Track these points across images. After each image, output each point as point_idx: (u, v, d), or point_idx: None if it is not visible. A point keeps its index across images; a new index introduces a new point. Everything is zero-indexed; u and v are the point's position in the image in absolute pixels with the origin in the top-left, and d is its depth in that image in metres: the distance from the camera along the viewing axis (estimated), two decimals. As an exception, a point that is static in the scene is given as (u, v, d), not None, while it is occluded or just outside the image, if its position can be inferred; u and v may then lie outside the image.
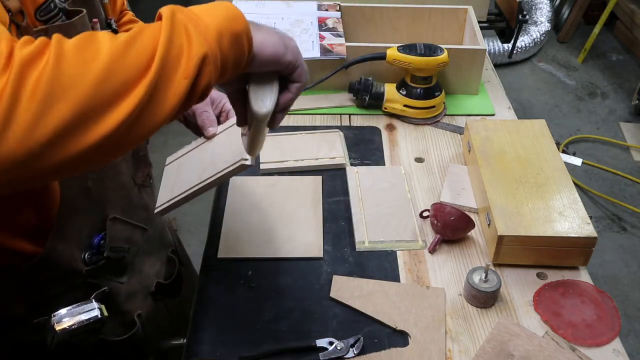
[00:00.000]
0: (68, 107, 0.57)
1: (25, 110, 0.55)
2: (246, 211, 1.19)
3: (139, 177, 1.06)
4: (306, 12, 1.65)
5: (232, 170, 0.91)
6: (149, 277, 1.14)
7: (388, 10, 1.68)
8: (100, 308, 0.92)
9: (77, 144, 0.58)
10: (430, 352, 0.94)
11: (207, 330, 0.99)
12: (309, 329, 0.98)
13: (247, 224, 1.16)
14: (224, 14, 0.66)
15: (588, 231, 1.06)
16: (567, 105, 3.47)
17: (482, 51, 1.51)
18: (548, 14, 3.81)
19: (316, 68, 1.50)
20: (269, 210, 1.19)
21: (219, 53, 0.65)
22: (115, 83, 0.59)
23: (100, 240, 0.97)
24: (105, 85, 0.58)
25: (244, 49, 0.68)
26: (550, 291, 1.05)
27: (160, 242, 1.20)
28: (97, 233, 0.97)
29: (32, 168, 0.57)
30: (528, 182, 1.15)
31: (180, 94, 0.62)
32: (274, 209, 1.19)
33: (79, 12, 0.85)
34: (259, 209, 1.19)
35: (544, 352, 0.93)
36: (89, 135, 0.58)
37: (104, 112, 0.58)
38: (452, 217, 1.11)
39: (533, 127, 1.30)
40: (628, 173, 2.96)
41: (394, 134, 1.44)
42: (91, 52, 0.59)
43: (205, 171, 0.95)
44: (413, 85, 1.44)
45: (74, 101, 0.57)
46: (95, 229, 0.97)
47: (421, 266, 1.10)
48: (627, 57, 3.86)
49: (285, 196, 1.22)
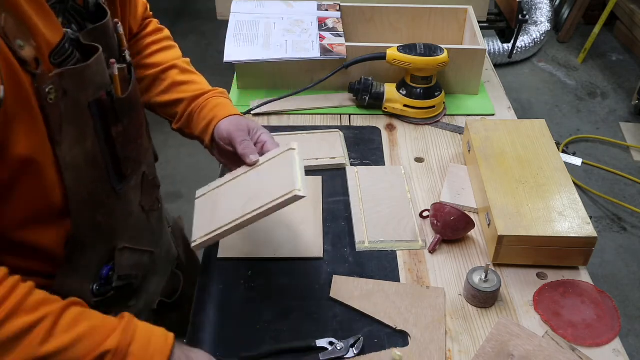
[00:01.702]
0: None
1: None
2: None
3: (147, 203, 1.01)
4: (306, 12, 1.65)
5: (284, 202, 0.91)
6: (153, 295, 1.12)
7: (388, 10, 1.68)
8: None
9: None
10: (430, 352, 0.94)
11: (207, 330, 0.99)
12: (309, 329, 0.98)
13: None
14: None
15: (588, 231, 1.06)
16: (567, 105, 3.47)
17: (482, 51, 1.51)
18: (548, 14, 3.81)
19: (316, 68, 1.50)
20: None
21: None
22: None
23: (109, 271, 0.94)
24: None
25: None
26: (550, 291, 1.05)
27: (166, 259, 1.17)
28: (106, 263, 0.93)
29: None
30: (528, 182, 1.15)
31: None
32: None
33: (93, 48, 0.80)
34: None
35: (544, 352, 0.93)
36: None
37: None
38: (452, 217, 1.11)
39: (533, 127, 1.30)
40: (628, 173, 2.96)
41: (394, 134, 1.44)
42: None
43: (249, 203, 0.94)
44: (413, 85, 1.44)
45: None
46: (104, 260, 0.93)
47: (421, 266, 1.10)
48: (627, 57, 3.86)
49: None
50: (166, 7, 4.25)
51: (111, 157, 0.86)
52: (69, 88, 0.75)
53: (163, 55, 1.12)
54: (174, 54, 1.15)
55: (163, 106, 1.12)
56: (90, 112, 0.80)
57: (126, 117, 0.87)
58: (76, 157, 0.80)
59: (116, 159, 0.87)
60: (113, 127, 0.85)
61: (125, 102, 0.86)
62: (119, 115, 0.85)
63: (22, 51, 0.69)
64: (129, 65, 0.90)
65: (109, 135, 0.85)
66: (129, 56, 0.91)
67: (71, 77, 0.75)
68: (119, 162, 0.88)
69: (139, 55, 1.11)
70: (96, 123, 0.82)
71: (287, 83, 1.54)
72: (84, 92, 0.78)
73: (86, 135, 0.80)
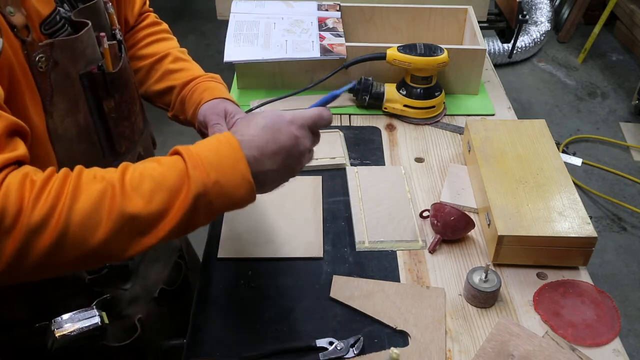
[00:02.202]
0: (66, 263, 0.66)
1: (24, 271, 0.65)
2: (246, 211, 1.18)
3: None
4: (306, 12, 1.65)
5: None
6: (154, 283, 1.13)
7: (388, 10, 1.68)
8: (101, 315, 0.92)
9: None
10: (430, 352, 0.94)
11: (207, 330, 0.99)
12: (309, 329, 0.98)
13: (247, 224, 1.16)
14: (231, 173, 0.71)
15: (588, 231, 1.06)
16: (567, 105, 3.47)
17: (482, 51, 1.51)
18: (548, 14, 3.81)
19: (316, 68, 1.50)
20: (269, 210, 1.19)
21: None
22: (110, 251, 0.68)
23: None
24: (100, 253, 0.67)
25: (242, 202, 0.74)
26: (550, 291, 1.05)
27: (166, 247, 1.18)
28: None
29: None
30: (528, 182, 1.15)
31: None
32: (273, 209, 1.19)
33: (84, 24, 0.83)
34: (259, 209, 1.19)
35: (544, 352, 0.93)
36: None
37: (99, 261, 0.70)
38: (452, 217, 1.11)
39: (533, 127, 1.30)
40: (628, 173, 2.96)
41: (394, 134, 1.44)
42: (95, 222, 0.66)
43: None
44: (413, 85, 1.44)
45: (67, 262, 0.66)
46: None
47: (421, 266, 1.10)
48: (627, 57, 3.86)
49: (285, 196, 1.22)
50: (166, 7, 4.25)
51: (104, 132, 0.89)
52: (59, 59, 0.78)
53: (157, 46, 1.12)
54: (169, 44, 1.14)
55: (158, 95, 1.11)
56: (81, 84, 0.83)
57: (117, 92, 0.89)
58: (68, 130, 0.82)
59: (109, 134, 0.90)
60: (105, 102, 0.87)
61: (116, 76, 0.89)
62: (110, 89, 0.88)
63: (12, 17, 0.73)
64: (119, 42, 0.93)
65: (102, 110, 0.87)
66: (119, 35, 0.94)
67: (62, 49, 0.79)
68: (111, 138, 0.90)
69: (134, 47, 1.11)
70: (88, 96, 0.84)
71: (287, 83, 1.54)
72: (75, 64, 0.81)
73: (78, 107, 0.83)
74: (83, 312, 0.90)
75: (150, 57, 1.11)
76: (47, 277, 0.70)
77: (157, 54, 1.11)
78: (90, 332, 0.91)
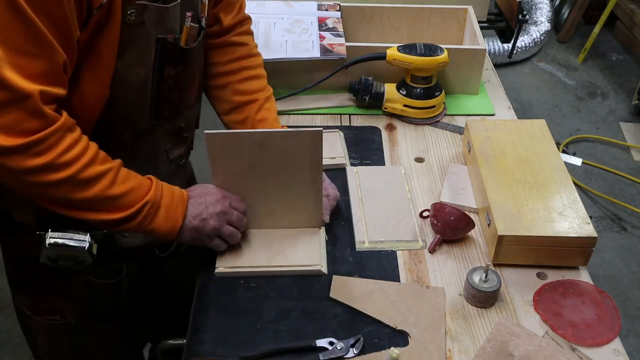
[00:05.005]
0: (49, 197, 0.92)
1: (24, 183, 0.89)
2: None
3: (173, 153, 1.14)
4: (306, 12, 1.65)
5: (306, 271, 1.07)
6: (150, 244, 1.16)
7: (388, 10, 1.68)
8: (91, 243, 0.99)
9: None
10: (430, 352, 0.94)
11: (207, 330, 0.99)
12: (309, 329, 0.98)
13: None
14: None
15: (588, 231, 1.06)
16: (567, 105, 3.47)
17: (482, 51, 1.51)
18: (548, 14, 3.81)
19: (316, 68, 1.50)
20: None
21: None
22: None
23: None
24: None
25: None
26: (550, 291, 1.05)
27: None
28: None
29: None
30: (528, 182, 1.15)
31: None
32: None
33: (174, 0, 0.95)
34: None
35: (544, 352, 0.93)
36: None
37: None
38: (452, 217, 1.11)
39: (533, 127, 1.30)
40: (628, 173, 2.96)
41: (394, 134, 1.44)
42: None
43: (276, 257, 1.08)
44: (413, 85, 1.44)
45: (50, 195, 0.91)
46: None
47: (421, 266, 1.10)
48: (627, 57, 3.85)
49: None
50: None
51: (156, 91, 1.01)
52: (146, 20, 0.92)
53: (249, 85, 1.21)
54: (259, 85, 1.22)
55: (230, 122, 1.22)
56: (155, 46, 0.96)
57: (180, 65, 1.02)
58: (129, 77, 0.96)
59: (160, 95, 1.02)
60: (167, 68, 1.00)
61: (184, 52, 1.01)
62: (176, 60, 1.01)
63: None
64: (201, 28, 1.05)
65: (162, 74, 1.00)
66: (204, 22, 1.06)
67: (150, 13, 0.92)
68: (160, 99, 1.02)
69: (228, 75, 1.20)
70: (156, 57, 0.97)
71: (287, 83, 1.54)
72: (156, 28, 0.95)
73: (145, 63, 0.97)
74: (77, 234, 0.99)
75: (241, 94, 1.20)
76: (27, 197, 0.93)
77: (247, 94, 1.20)
78: (76, 252, 0.98)
